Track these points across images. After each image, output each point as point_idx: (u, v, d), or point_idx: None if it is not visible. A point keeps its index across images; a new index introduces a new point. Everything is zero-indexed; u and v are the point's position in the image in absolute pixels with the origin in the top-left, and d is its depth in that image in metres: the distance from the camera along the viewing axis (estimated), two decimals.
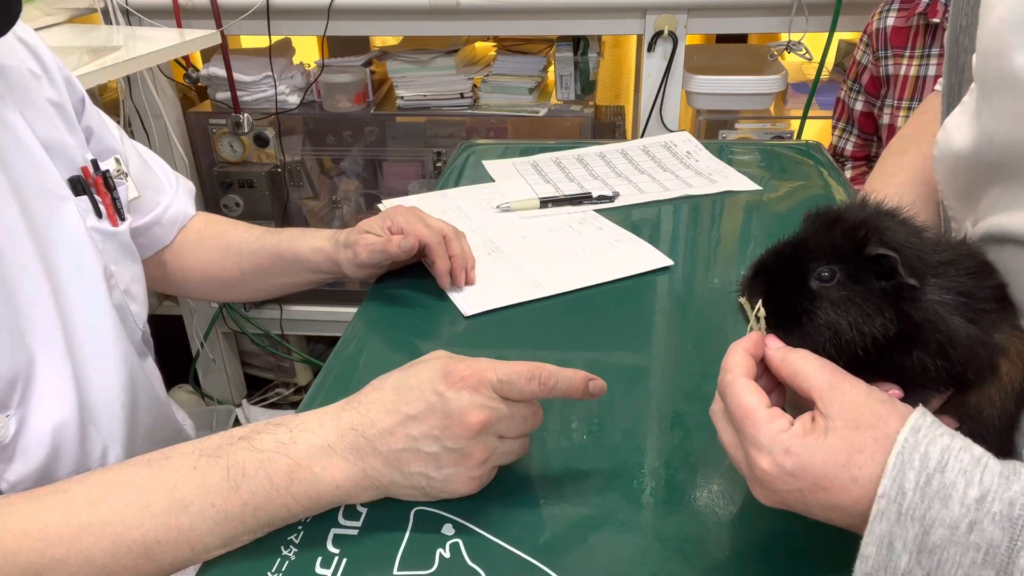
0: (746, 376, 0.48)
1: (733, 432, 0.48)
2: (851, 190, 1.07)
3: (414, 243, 0.81)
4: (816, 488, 0.43)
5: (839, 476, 0.42)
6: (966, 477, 0.39)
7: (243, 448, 0.54)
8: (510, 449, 0.56)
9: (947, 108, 0.65)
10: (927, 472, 0.40)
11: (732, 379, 0.48)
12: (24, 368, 0.61)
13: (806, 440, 0.43)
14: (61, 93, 0.73)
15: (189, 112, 1.97)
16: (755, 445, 0.45)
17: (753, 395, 0.46)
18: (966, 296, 0.48)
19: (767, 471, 0.44)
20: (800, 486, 0.43)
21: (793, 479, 0.43)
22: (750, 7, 1.69)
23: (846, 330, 0.48)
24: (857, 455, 0.42)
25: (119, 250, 0.75)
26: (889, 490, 0.40)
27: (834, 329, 0.48)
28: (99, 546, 0.50)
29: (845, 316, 0.48)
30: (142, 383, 0.74)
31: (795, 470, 0.43)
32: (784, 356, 0.48)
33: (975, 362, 0.48)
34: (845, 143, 1.71)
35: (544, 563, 0.52)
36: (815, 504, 0.43)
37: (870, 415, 0.43)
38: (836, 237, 0.49)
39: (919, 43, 1.52)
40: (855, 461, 0.42)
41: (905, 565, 0.40)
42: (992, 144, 0.53)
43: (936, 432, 0.41)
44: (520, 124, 1.91)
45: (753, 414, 0.45)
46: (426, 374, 0.55)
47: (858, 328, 0.48)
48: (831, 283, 0.49)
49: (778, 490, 0.44)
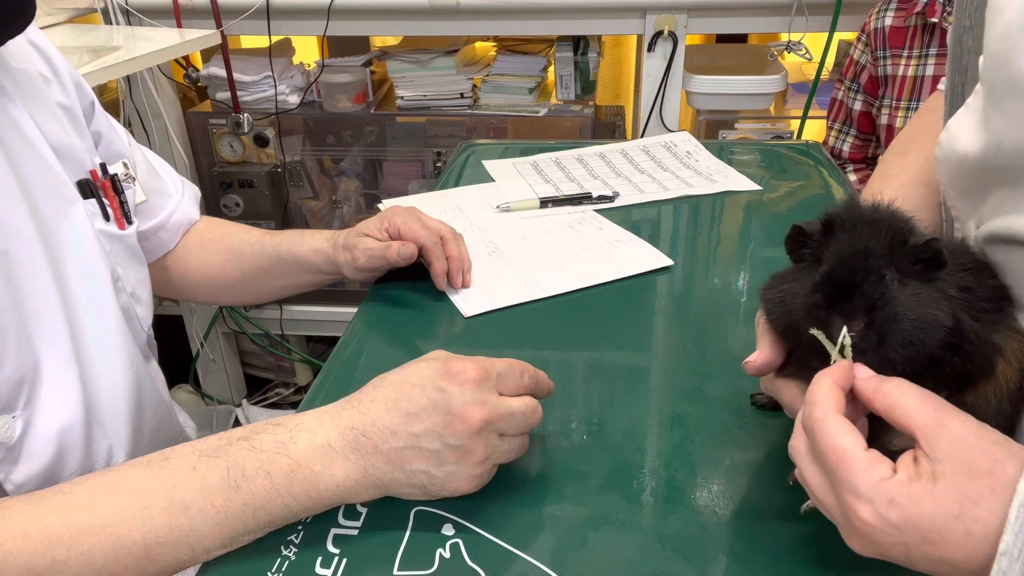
0: (838, 412, 0.43)
1: (821, 474, 0.44)
2: (851, 190, 1.07)
3: (413, 251, 0.81)
4: (924, 542, 0.39)
5: (951, 529, 0.38)
6: None
7: (243, 448, 0.54)
8: (510, 447, 0.56)
9: (950, 109, 0.65)
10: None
11: (823, 415, 0.43)
12: (31, 369, 0.62)
13: (912, 489, 0.39)
14: (71, 97, 0.74)
15: (189, 112, 1.97)
16: (853, 493, 0.41)
17: (849, 436, 0.42)
18: (967, 292, 0.48)
19: (868, 522, 0.40)
20: (906, 540, 0.39)
21: (898, 532, 0.39)
22: (750, 7, 1.69)
23: (919, 329, 0.46)
24: (972, 506, 0.38)
25: (126, 253, 0.75)
26: (1012, 547, 0.37)
27: (927, 323, 0.46)
28: (100, 547, 0.50)
29: (922, 310, 0.46)
30: (147, 385, 0.75)
31: (901, 523, 0.39)
32: (877, 386, 0.44)
33: (979, 360, 0.48)
34: (842, 144, 1.70)
35: (544, 563, 0.52)
36: (920, 558, 0.40)
37: (984, 459, 0.39)
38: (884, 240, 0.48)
39: (917, 43, 1.52)
40: (969, 513, 0.38)
41: None
42: (1000, 149, 0.52)
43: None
44: (520, 124, 1.91)
45: (850, 458, 0.41)
46: (427, 371, 0.55)
47: (931, 324, 0.46)
48: (894, 285, 0.47)
49: (879, 542, 0.41)
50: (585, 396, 0.69)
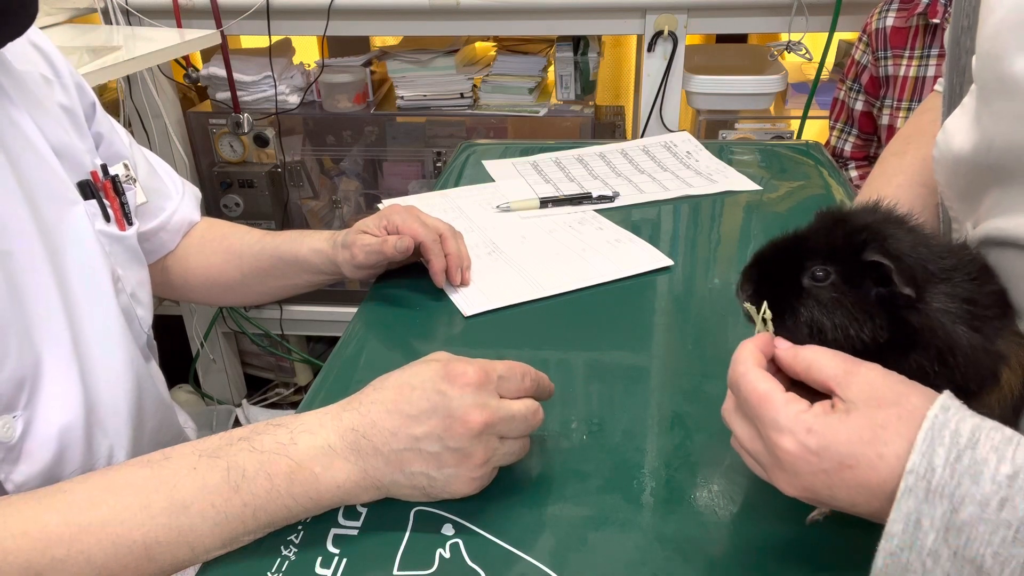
0: (758, 366, 0.47)
1: (748, 424, 0.47)
2: (851, 190, 1.07)
3: (410, 244, 0.81)
4: (842, 467, 0.42)
5: (864, 453, 0.41)
6: (998, 454, 0.38)
7: (243, 449, 0.54)
8: (511, 450, 0.56)
9: (947, 109, 0.65)
10: (958, 448, 0.39)
11: (744, 369, 0.47)
12: (31, 370, 0.62)
13: (828, 419, 0.43)
14: (72, 98, 0.74)
15: (189, 112, 1.97)
16: (775, 428, 0.44)
17: (768, 381, 0.46)
18: (970, 304, 0.48)
19: (790, 451, 0.43)
20: (825, 466, 0.42)
21: (817, 459, 0.42)
22: (750, 7, 1.69)
23: (829, 331, 0.48)
24: (881, 431, 0.41)
25: (126, 254, 0.75)
26: (918, 466, 0.39)
27: (817, 328, 0.48)
28: (99, 546, 0.50)
29: (830, 317, 0.48)
30: (147, 386, 0.75)
31: (819, 449, 0.42)
32: (796, 353, 0.47)
33: (977, 371, 0.48)
34: (844, 143, 1.70)
35: (544, 563, 0.52)
36: (841, 486, 0.42)
37: (890, 393, 0.43)
38: (837, 238, 0.49)
39: (918, 43, 1.52)
40: (880, 437, 0.41)
41: (932, 544, 0.39)
42: (991, 148, 0.53)
43: (966, 412, 0.41)
44: (520, 124, 1.91)
45: (771, 396, 0.45)
46: (428, 374, 0.55)
47: (843, 331, 0.48)
48: (824, 283, 0.49)
49: (801, 472, 0.43)
50: (585, 396, 0.69)
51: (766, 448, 0.45)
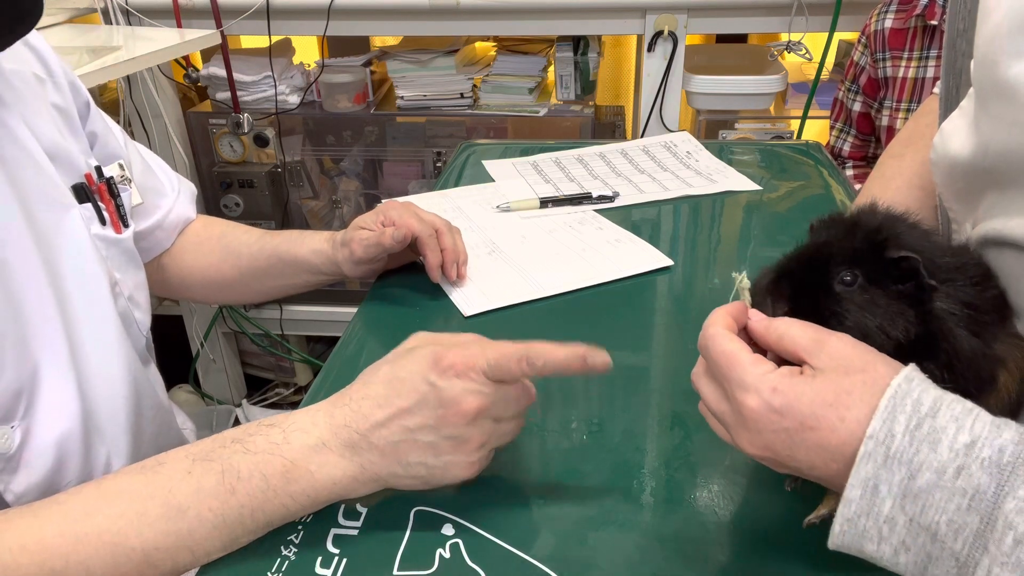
0: (727, 329, 0.47)
1: (716, 386, 0.47)
2: (851, 190, 1.07)
3: (407, 233, 0.80)
4: (803, 427, 0.42)
5: (826, 415, 0.42)
6: (957, 423, 0.39)
7: (236, 451, 0.53)
8: (506, 430, 0.56)
9: (945, 112, 0.65)
10: (918, 416, 0.39)
11: (714, 332, 0.47)
12: (29, 379, 0.61)
13: (793, 380, 0.43)
14: (66, 98, 0.73)
15: (189, 112, 1.97)
16: (741, 386, 0.44)
17: (735, 342, 0.46)
18: (970, 307, 0.48)
19: (754, 409, 0.44)
20: (787, 425, 0.43)
21: (780, 418, 0.43)
22: (750, 7, 1.69)
23: (875, 333, 0.47)
24: (845, 396, 0.42)
25: (123, 257, 0.75)
26: (878, 432, 0.40)
27: (863, 332, 0.48)
28: (98, 556, 0.50)
29: (872, 319, 0.48)
30: (146, 390, 0.74)
31: (782, 407, 0.43)
32: (768, 324, 0.47)
33: (976, 375, 0.48)
34: (843, 144, 1.71)
35: (544, 563, 0.52)
36: (800, 446, 0.43)
37: (859, 361, 0.43)
38: (855, 241, 0.49)
39: (917, 45, 1.52)
40: (843, 401, 0.42)
41: (888, 510, 0.39)
42: (987, 152, 0.53)
43: (929, 384, 0.41)
44: (520, 124, 1.91)
45: (737, 356, 0.45)
46: (416, 365, 0.54)
47: (884, 331, 0.47)
48: (853, 287, 0.49)
49: (763, 431, 0.44)
50: (585, 396, 0.69)
51: (731, 408, 0.46)
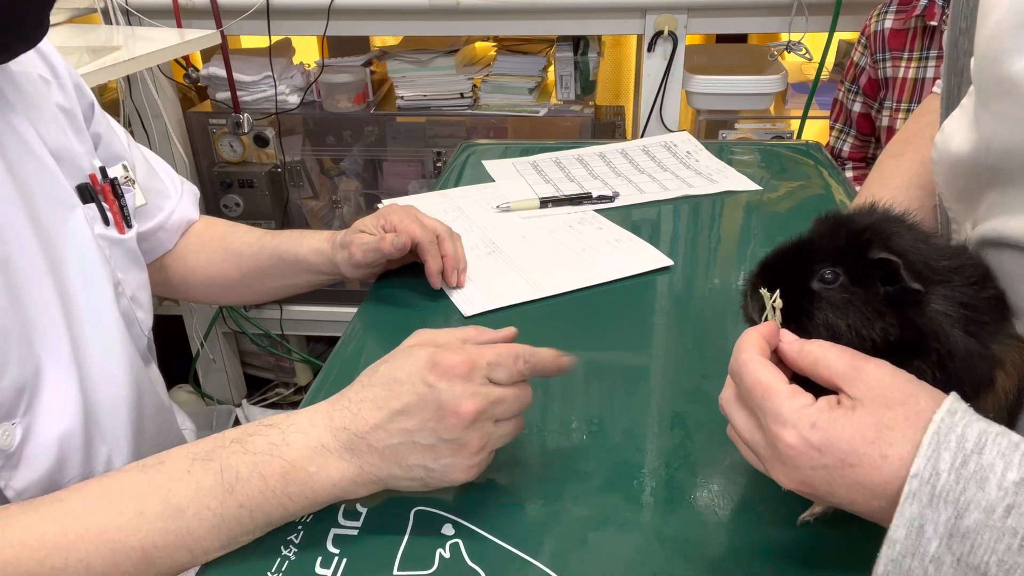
0: (762, 355, 0.46)
1: (748, 414, 0.46)
2: (851, 190, 1.07)
3: (407, 241, 0.80)
4: (843, 464, 0.41)
5: (868, 453, 0.40)
6: (1005, 460, 0.37)
7: (235, 451, 0.53)
8: (505, 431, 0.56)
9: (946, 111, 0.65)
10: (964, 453, 0.38)
11: (748, 358, 0.46)
12: (31, 377, 0.61)
13: (833, 415, 0.42)
14: (71, 99, 0.73)
15: (189, 112, 1.97)
16: (778, 420, 0.43)
17: (772, 372, 0.45)
18: (967, 308, 0.48)
19: (792, 445, 0.42)
20: (826, 462, 0.41)
21: (819, 454, 0.41)
22: (750, 7, 1.69)
23: (844, 332, 0.48)
24: (887, 431, 0.40)
25: (126, 257, 0.75)
26: (923, 470, 0.38)
27: (832, 331, 0.48)
28: (97, 553, 0.50)
29: (844, 319, 0.48)
30: (147, 390, 0.74)
31: (822, 444, 0.41)
32: (801, 347, 0.46)
33: (972, 375, 0.48)
34: (843, 144, 1.71)
35: (544, 563, 0.52)
36: (840, 483, 0.42)
37: (899, 393, 0.42)
38: (841, 240, 0.49)
39: (917, 45, 1.52)
40: (885, 438, 0.40)
41: (935, 551, 0.38)
42: (989, 149, 0.53)
43: (972, 416, 0.40)
44: (520, 124, 1.91)
45: (774, 389, 0.44)
46: (414, 366, 0.54)
47: (857, 332, 0.48)
48: (833, 285, 0.49)
49: (801, 467, 0.42)
50: (585, 396, 0.69)
51: (765, 440, 0.45)
